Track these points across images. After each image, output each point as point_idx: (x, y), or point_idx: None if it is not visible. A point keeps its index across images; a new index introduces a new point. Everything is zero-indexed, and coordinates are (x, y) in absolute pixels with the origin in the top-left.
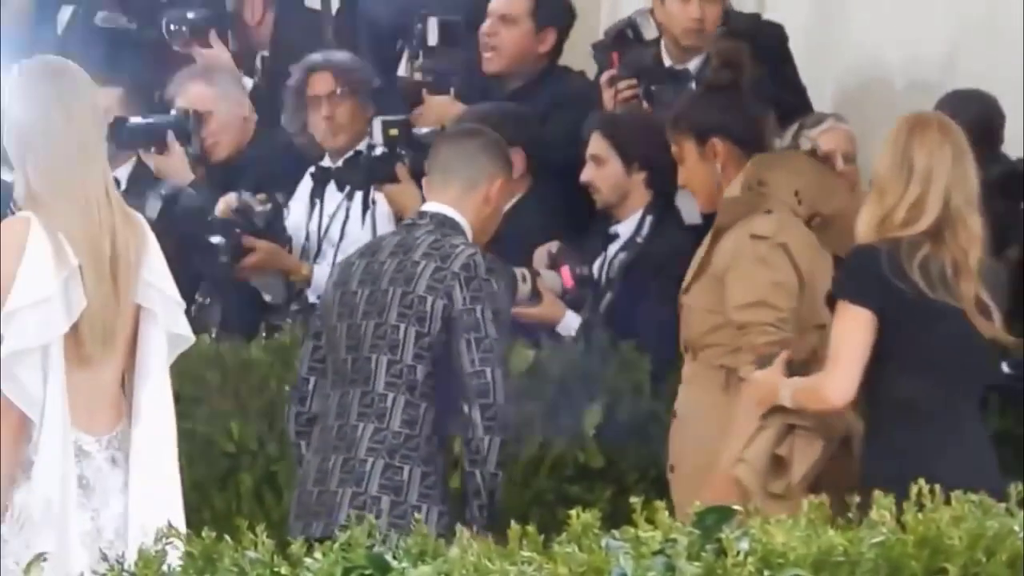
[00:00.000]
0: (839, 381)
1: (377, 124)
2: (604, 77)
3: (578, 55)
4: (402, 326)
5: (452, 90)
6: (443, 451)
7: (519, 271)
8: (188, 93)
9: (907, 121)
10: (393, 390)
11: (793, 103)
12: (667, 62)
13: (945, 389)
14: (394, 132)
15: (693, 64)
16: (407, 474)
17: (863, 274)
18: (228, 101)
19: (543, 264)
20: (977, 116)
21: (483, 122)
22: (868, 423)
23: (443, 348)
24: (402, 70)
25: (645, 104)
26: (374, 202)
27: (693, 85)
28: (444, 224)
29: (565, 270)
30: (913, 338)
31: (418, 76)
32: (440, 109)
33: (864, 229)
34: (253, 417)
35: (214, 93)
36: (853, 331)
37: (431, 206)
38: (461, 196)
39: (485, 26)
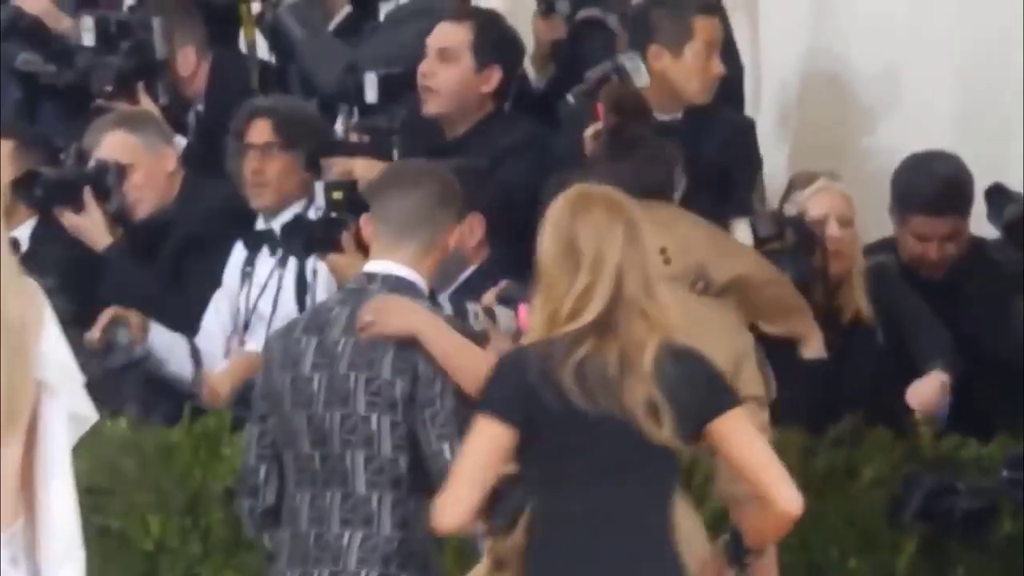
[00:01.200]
0: (450, 503)
1: (319, 186)
2: (589, 131)
3: None
4: (373, 416)
5: (395, 152)
6: (439, 548)
7: (472, 308)
8: (108, 143)
9: (569, 200)
10: (377, 490)
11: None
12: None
13: (611, 501)
14: (338, 196)
15: (670, 115)
16: None
17: (503, 383)
18: (153, 153)
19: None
20: (948, 177)
21: None
22: (528, 539)
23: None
24: (340, 128)
25: None
26: (315, 273)
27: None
28: (398, 287)
29: (523, 308)
30: (569, 450)
31: (354, 136)
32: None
33: (534, 329)
34: (175, 512)
35: (137, 143)
36: (478, 447)
37: (381, 266)
38: (418, 255)
39: (423, 65)
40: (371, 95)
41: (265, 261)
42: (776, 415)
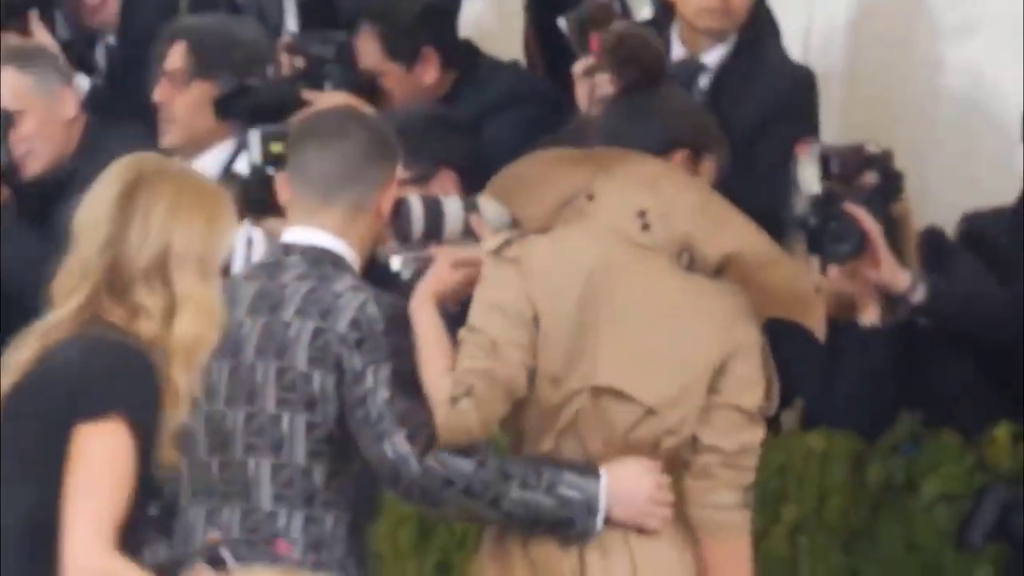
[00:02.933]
0: None
1: (255, 136)
2: (579, 67)
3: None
4: (285, 416)
5: (329, 85)
6: (365, 569)
7: (451, 201)
8: None
9: None
10: (285, 505)
11: None
12: (677, 51)
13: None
14: (277, 148)
15: (712, 56)
16: None
17: None
18: (47, 95)
19: None
20: None
21: (403, 134)
22: None
23: (345, 435)
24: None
25: None
26: (250, 242)
27: (704, 83)
28: (321, 261)
29: None
30: None
31: (285, 59)
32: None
33: None
34: None
35: (28, 84)
36: None
37: (300, 234)
38: (345, 221)
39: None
40: (292, 22)
41: None
42: (824, 416)
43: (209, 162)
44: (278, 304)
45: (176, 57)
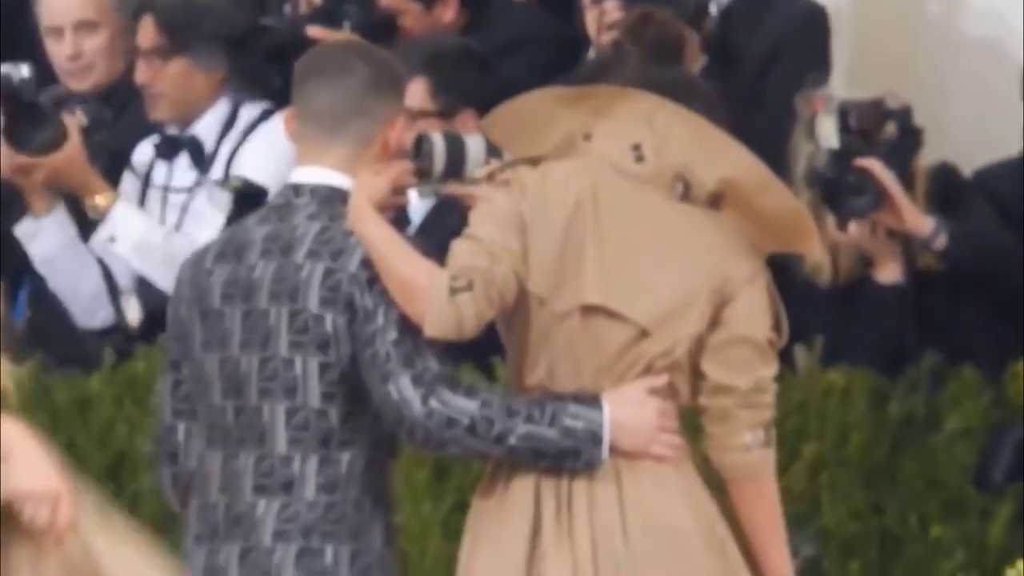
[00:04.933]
0: None
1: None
2: None
3: None
4: (298, 359)
5: (347, 23)
6: (381, 512)
7: (474, 139)
8: None
9: None
10: (299, 448)
11: None
12: None
13: None
14: None
15: None
16: (331, 557)
17: None
18: (120, 25)
19: None
20: None
21: (434, 64)
22: None
23: (359, 375)
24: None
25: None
26: None
27: (714, 9)
28: (331, 200)
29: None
30: None
31: (305, 1)
32: None
33: None
34: (94, 477)
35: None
36: None
37: (309, 174)
38: (353, 157)
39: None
40: None
41: (182, 172)
42: (844, 354)
43: (208, 126)
44: (289, 246)
45: (147, 34)
